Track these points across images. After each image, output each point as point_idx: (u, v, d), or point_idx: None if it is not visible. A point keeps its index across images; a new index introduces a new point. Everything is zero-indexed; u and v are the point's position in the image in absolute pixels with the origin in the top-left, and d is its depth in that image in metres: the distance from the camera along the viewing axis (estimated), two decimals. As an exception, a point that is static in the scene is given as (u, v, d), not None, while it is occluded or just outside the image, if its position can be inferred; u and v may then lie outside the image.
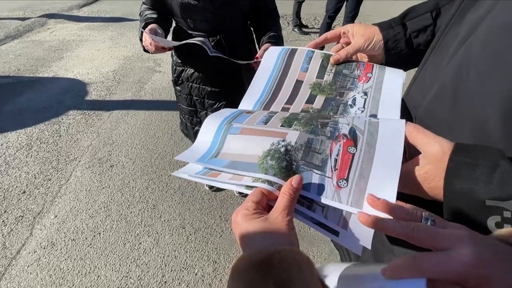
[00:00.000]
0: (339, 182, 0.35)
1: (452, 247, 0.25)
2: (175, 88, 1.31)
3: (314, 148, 0.37)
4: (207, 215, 1.72)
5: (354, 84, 0.54)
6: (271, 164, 0.37)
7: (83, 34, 4.28)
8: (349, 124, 0.39)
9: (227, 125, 0.44)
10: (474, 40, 0.39)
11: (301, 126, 0.40)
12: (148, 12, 1.04)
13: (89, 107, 2.67)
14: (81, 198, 1.81)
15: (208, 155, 0.42)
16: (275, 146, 0.38)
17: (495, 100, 0.34)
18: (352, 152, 0.36)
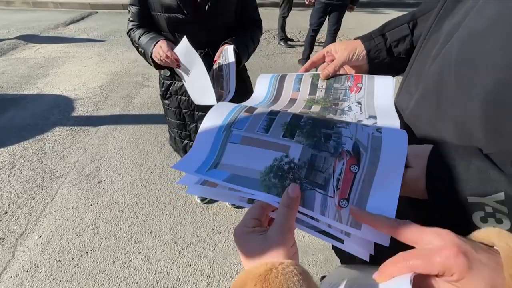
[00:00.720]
0: (341, 202, 0.35)
1: (434, 241, 0.26)
2: (163, 102, 1.31)
3: (318, 166, 0.37)
4: (199, 229, 1.69)
5: (347, 95, 0.56)
6: (274, 182, 0.36)
7: (70, 50, 4.26)
8: (352, 139, 0.39)
9: (227, 131, 0.43)
10: (452, 45, 0.41)
11: (304, 137, 0.39)
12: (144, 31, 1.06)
13: (76, 123, 2.62)
14: (67, 217, 1.75)
15: (207, 164, 0.40)
16: (278, 163, 0.38)
17: (474, 101, 0.36)
18: (354, 171, 0.36)
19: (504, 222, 0.30)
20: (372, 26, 0.62)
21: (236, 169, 0.39)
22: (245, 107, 0.47)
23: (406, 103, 0.52)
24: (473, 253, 0.24)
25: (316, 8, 3.41)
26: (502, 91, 0.34)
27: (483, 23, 0.37)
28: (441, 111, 0.43)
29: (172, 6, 0.99)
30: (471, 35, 0.39)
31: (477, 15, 0.38)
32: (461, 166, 0.32)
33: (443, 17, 0.47)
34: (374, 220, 0.31)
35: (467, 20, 0.40)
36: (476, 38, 0.38)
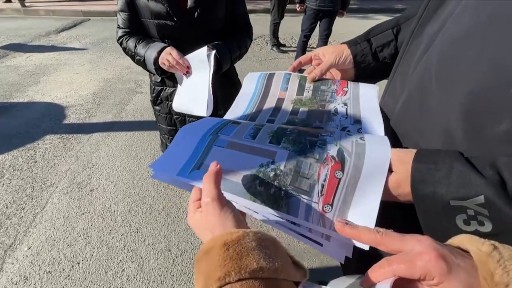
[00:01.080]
0: (325, 207, 0.36)
1: (415, 248, 0.27)
2: (154, 108, 1.31)
3: (303, 173, 0.37)
4: (193, 236, 1.67)
5: (333, 97, 0.57)
6: (260, 190, 0.37)
7: (61, 58, 4.23)
8: (337, 145, 0.39)
9: (213, 136, 0.43)
10: (433, 51, 0.43)
11: (290, 144, 0.40)
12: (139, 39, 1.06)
13: (68, 131, 2.58)
14: (58, 226, 1.71)
15: (189, 165, 0.40)
16: (264, 169, 0.38)
17: (455, 104, 0.37)
18: (338, 177, 0.37)
19: (486, 224, 0.30)
20: (361, 31, 0.64)
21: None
22: (233, 121, 0.48)
23: (392, 107, 0.53)
24: (452, 257, 0.25)
25: (308, 15, 3.47)
26: (480, 97, 0.35)
27: (460, 32, 0.38)
28: (425, 116, 0.44)
29: (162, 13, 0.99)
30: (449, 42, 0.40)
31: (454, 24, 0.40)
32: (443, 170, 0.33)
33: (425, 23, 0.48)
34: (357, 234, 0.32)
35: (445, 28, 0.41)
36: (454, 46, 0.39)
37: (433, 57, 0.42)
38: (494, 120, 0.34)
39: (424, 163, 0.34)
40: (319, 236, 0.35)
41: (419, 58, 0.46)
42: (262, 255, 0.27)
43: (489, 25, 0.34)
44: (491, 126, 0.34)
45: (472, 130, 0.36)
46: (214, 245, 0.29)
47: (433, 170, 0.33)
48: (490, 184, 0.30)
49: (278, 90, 0.61)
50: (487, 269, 0.24)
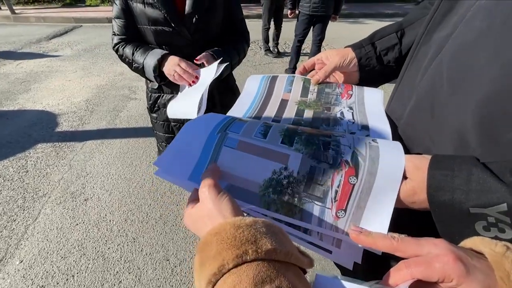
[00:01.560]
0: (338, 212, 0.35)
1: (432, 251, 0.27)
2: (151, 116, 1.29)
3: (316, 179, 0.37)
4: (192, 244, 1.64)
5: (338, 100, 0.56)
6: (273, 198, 0.36)
7: (53, 65, 4.16)
8: (351, 147, 0.38)
9: (222, 133, 0.41)
10: (443, 57, 0.42)
11: (303, 145, 0.39)
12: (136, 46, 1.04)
13: (60, 139, 2.53)
14: (52, 238, 1.66)
15: (200, 169, 0.38)
16: (277, 176, 0.37)
17: (468, 109, 0.37)
18: (352, 182, 0.36)
19: (507, 231, 0.30)
20: (353, 36, 0.64)
21: (233, 178, 0.38)
22: (239, 118, 0.46)
23: (400, 113, 0.52)
24: (469, 259, 0.26)
25: (301, 20, 3.51)
26: (495, 102, 0.34)
27: (473, 36, 0.38)
28: (436, 121, 0.43)
29: (159, 19, 0.98)
30: (462, 47, 0.39)
31: (466, 28, 0.39)
32: (461, 177, 0.32)
33: (432, 29, 0.48)
34: (372, 241, 0.32)
35: (457, 32, 0.41)
36: (467, 50, 0.38)
37: (444, 63, 0.42)
38: (509, 125, 0.33)
39: (441, 169, 0.34)
40: (329, 243, 0.35)
41: (428, 65, 0.46)
42: (274, 239, 0.28)
43: (503, 28, 0.34)
44: (506, 132, 0.34)
45: (487, 135, 0.36)
46: (226, 227, 0.29)
47: (450, 177, 0.33)
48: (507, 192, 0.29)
49: (282, 91, 0.60)
50: (503, 269, 0.24)
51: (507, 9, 0.34)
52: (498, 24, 0.34)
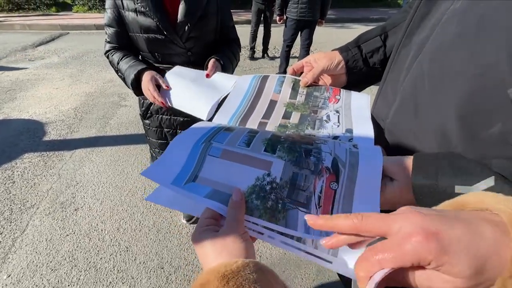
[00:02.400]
0: None
1: (404, 228, 0.23)
2: (144, 122, 1.28)
3: (299, 185, 0.37)
4: (186, 251, 1.62)
5: (325, 104, 0.58)
6: (256, 204, 0.36)
7: (39, 73, 4.08)
8: (332, 154, 0.40)
9: (206, 143, 0.42)
10: (423, 57, 0.45)
11: (286, 152, 0.40)
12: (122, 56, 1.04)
13: (48, 148, 2.47)
14: (41, 250, 1.61)
15: (183, 176, 0.38)
16: (260, 182, 0.37)
17: (449, 108, 0.39)
18: (334, 188, 0.37)
19: None
20: (341, 39, 0.66)
21: (216, 184, 0.38)
22: (226, 127, 0.47)
23: (385, 113, 0.54)
24: (446, 232, 0.21)
25: (289, 25, 3.58)
26: (472, 100, 0.36)
27: (449, 38, 0.40)
28: (420, 120, 0.45)
29: (151, 27, 0.99)
30: (440, 49, 0.42)
31: (443, 31, 0.42)
32: (444, 165, 0.34)
33: (412, 32, 0.51)
34: (332, 224, 0.28)
35: (434, 35, 0.44)
36: (445, 52, 0.41)
37: (424, 63, 0.45)
38: (488, 122, 0.35)
39: (424, 165, 0.36)
40: (325, 252, 0.35)
41: (409, 65, 0.49)
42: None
43: (477, 31, 0.36)
44: (486, 128, 0.36)
45: (468, 132, 0.38)
46: (211, 278, 0.27)
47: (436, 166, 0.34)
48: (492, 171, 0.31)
49: (272, 92, 0.61)
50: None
51: (479, 13, 0.36)
52: (472, 27, 0.37)
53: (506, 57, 0.32)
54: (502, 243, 0.21)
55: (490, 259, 0.20)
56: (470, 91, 0.36)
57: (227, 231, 0.33)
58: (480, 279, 0.20)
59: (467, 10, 0.38)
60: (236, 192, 0.36)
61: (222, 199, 0.36)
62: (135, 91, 1.04)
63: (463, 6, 0.39)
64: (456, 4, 0.41)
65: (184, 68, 1.01)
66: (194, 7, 1.00)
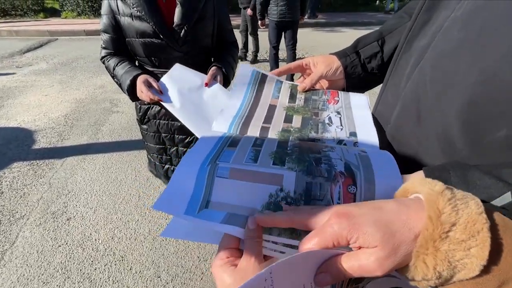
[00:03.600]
0: None
1: (324, 218, 0.27)
2: (141, 127, 1.27)
3: (315, 195, 0.35)
4: (183, 258, 1.59)
5: (325, 105, 0.58)
6: None
7: (28, 80, 3.99)
8: (342, 160, 0.38)
9: (212, 165, 0.39)
10: (424, 64, 0.45)
11: (295, 163, 0.38)
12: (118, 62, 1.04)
13: (38, 157, 2.41)
14: (32, 263, 1.55)
15: (195, 204, 0.36)
16: (274, 199, 0.35)
17: (452, 114, 0.39)
18: (353, 191, 0.35)
19: None
20: (330, 43, 0.67)
21: (231, 208, 0.36)
22: (229, 140, 0.45)
23: (387, 118, 0.55)
24: (355, 210, 0.26)
25: (271, 28, 3.70)
26: (476, 106, 0.37)
27: (451, 45, 0.41)
28: (422, 126, 0.45)
29: (148, 31, 0.98)
30: (442, 55, 0.42)
31: (444, 38, 0.43)
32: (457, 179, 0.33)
33: (412, 38, 0.51)
34: (270, 220, 0.31)
35: (435, 42, 0.44)
36: (447, 58, 0.41)
37: (426, 70, 0.45)
38: (492, 127, 0.36)
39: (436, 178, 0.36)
40: None
41: (410, 71, 0.49)
42: None
43: (479, 37, 0.37)
44: (490, 133, 0.36)
45: (472, 137, 0.38)
46: None
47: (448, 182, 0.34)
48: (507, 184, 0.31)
49: (270, 97, 0.60)
50: (435, 208, 0.23)
51: (481, 20, 0.37)
52: (474, 34, 0.37)
53: (509, 63, 0.33)
54: (403, 212, 0.25)
55: (393, 223, 0.24)
56: (474, 97, 0.37)
57: (247, 268, 0.31)
58: (394, 242, 0.24)
59: (469, 17, 0.39)
60: (251, 220, 0.34)
61: (240, 222, 0.34)
62: (131, 97, 1.02)
63: (464, 14, 0.40)
64: (458, 12, 0.41)
65: (185, 69, 1.00)
66: (190, 10, 1.00)
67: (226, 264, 0.32)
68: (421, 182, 0.27)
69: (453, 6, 0.42)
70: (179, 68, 1.00)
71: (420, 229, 0.23)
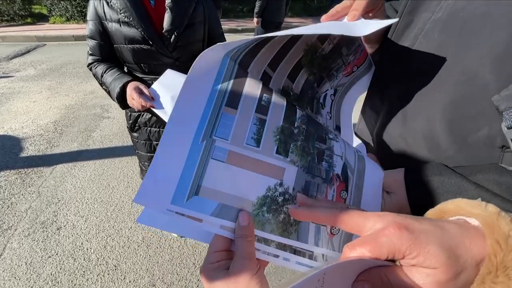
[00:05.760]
0: (332, 229, 0.35)
1: (377, 225, 0.24)
2: (132, 135, 1.25)
3: (311, 195, 0.36)
4: (179, 265, 1.57)
5: (338, 72, 0.50)
6: (268, 218, 0.33)
7: (14, 86, 3.90)
8: (343, 158, 0.39)
9: (207, 140, 0.33)
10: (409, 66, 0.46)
11: (298, 155, 0.37)
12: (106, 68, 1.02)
13: (26, 165, 2.34)
14: (20, 275, 1.51)
15: (183, 189, 0.31)
16: (272, 193, 0.34)
17: (437, 113, 0.40)
18: (344, 197, 0.36)
19: None
20: None
21: (224, 197, 0.32)
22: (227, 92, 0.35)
23: (375, 119, 0.55)
24: (416, 224, 0.23)
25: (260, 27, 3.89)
26: (459, 106, 0.38)
27: (433, 46, 0.42)
28: (408, 126, 0.46)
29: (136, 38, 0.97)
30: (424, 57, 0.43)
31: (426, 39, 0.44)
32: (435, 181, 0.35)
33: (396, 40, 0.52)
34: (313, 215, 0.30)
35: (417, 43, 0.45)
36: (429, 59, 0.42)
37: (410, 71, 0.46)
38: (475, 126, 0.37)
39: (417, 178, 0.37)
40: None
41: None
42: None
43: (460, 39, 0.38)
44: (473, 132, 0.37)
45: (456, 136, 0.39)
46: None
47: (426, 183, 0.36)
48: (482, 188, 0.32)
49: None
50: (498, 230, 0.21)
51: (461, 22, 0.38)
52: (454, 36, 0.38)
53: (489, 64, 0.34)
54: (466, 236, 0.23)
55: (458, 247, 0.22)
56: (456, 97, 0.38)
57: (239, 271, 0.29)
58: (457, 267, 0.21)
59: (448, 19, 0.40)
60: (243, 215, 0.32)
61: (231, 216, 0.32)
62: (121, 105, 1.01)
63: (444, 16, 0.41)
64: (438, 14, 0.42)
65: (177, 74, 0.99)
66: (180, 15, 0.99)
67: (217, 268, 0.30)
68: (467, 204, 0.25)
69: (434, 8, 0.43)
70: (170, 74, 0.99)
71: (483, 255, 0.22)
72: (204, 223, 0.31)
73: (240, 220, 0.32)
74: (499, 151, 0.35)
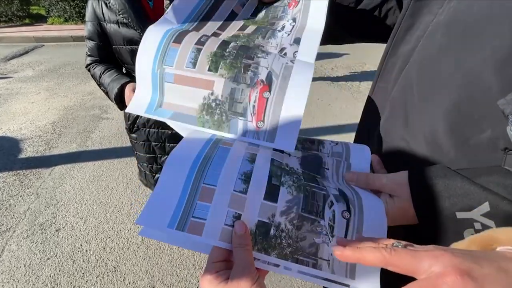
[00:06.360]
0: (258, 123, 0.43)
1: (433, 267, 0.23)
2: (130, 136, 1.24)
3: (236, 98, 0.44)
4: (178, 267, 1.56)
5: (285, 11, 0.57)
6: (207, 118, 0.44)
7: (12, 87, 3.88)
8: (268, 68, 0.45)
9: (160, 69, 0.45)
10: (410, 68, 0.46)
11: (226, 69, 0.44)
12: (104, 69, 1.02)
13: (24, 166, 2.34)
14: (19, 277, 1.50)
15: (153, 104, 0.46)
16: (207, 101, 0.45)
17: (439, 117, 0.40)
18: (266, 96, 0.43)
19: None
20: None
21: (176, 107, 0.46)
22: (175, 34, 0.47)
23: (376, 121, 0.55)
24: (478, 269, 0.22)
25: None
26: (461, 108, 0.38)
27: (435, 49, 0.42)
28: (410, 128, 0.46)
29: (135, 39, 0.96)
30: (427, 59, 0.43)
31: (428, 42, 0.44)
32: (439, 184, 0.34)
33: (397, 43, 0.52)
34: (360, 256, 0.28)
35: (420, 46, 0.45)
36: (432, 62, 0.42)
37: (412, 74, 0.46)
38: (477, 129, 0.36)
39: (421, 181, 0.36)
40: (342, 275, 0.34)
41: (397, 75, 0.50)
42: None
43: (462, 41, 0.37)
44: (475, 135, 0.37)
45: (458, 139, 0.39)
46: None
47: (431, 186, 0.35)
48: (489, 191, 0.31)
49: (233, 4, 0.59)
50: None
51: (463, 25, 0.38)
52: (457, 38, 0.38)
53: (492, 66, 0.34)
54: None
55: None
56: (458, 99, 0.38)
57: (239, 280, 0.30)
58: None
59: (451, 22, 0.40)
60: (239, 224, 0.33)
61: (183, 118, 0.44)
62: (119, 106, 1.00)
63: (447, 18, 0.41)
64: (440, 16, 0.42)
65: None
66: None
67: (217, 278, 0.31)
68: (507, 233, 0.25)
69: (436, 10, 0.42)
70: None
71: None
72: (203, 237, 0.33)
73: (237, 229, 0.33)
74: (501, 153, 0.35)
